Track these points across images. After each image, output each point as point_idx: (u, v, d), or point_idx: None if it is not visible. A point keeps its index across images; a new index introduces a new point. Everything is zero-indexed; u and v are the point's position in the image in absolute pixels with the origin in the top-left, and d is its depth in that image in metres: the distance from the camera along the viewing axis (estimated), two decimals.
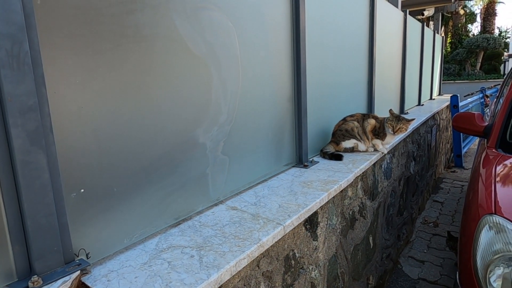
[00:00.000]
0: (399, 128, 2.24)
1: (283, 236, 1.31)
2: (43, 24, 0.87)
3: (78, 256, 0.97)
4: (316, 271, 1.59)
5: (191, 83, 1.32)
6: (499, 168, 1.90)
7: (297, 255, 1.43)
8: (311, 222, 1.55)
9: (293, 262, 1.40)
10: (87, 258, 0.99)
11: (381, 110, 3.42)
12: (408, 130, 2.40)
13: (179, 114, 1.27)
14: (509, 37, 18.67)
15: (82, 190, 0.98)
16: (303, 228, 1.49)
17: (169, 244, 1.13)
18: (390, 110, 2.33)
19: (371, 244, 2.36)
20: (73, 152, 0.96)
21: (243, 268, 1.10)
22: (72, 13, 0.93)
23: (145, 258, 1.05)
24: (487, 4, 18.75)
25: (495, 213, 1.52)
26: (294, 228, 1.40)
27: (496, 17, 18.54)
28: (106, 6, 1.01)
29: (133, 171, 1.12)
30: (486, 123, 2.50)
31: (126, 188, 1.10)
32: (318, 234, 1.61)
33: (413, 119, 2.31)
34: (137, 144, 1.13)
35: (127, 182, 1.11)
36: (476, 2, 19.71)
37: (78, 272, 0.93)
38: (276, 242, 1.27)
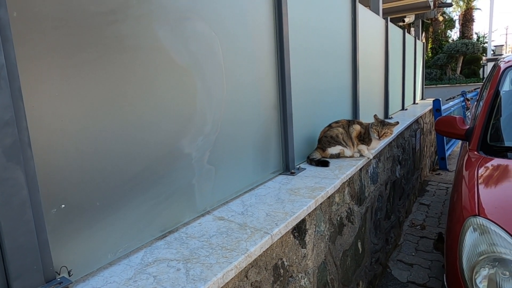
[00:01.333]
0: (384, 133, 2.27)
1: (271, 245, 1.30)
2: (20, 36, 0.85)
3: (59, 274, 0.94)
4: (305, 279, 1.58)
5: (175, 93, 1.31)
6: (481, 171, 1.95)
7: (285, 263, 1.42)
8: (299, 230, 1.55)
9: (282, 271, 1.39)
10: (69, 276, 0.96)
11: (366, 115, 3.47)
12: (393, 134, 2.44)
13: (163, 125, 1.26)
14: (486, 42, 19.30)
15: (63, 206, 0.95)
16: (291, 236, 1.48)
17: (155, 257, 1.11)
18: (375, 116, 2.36)
19: (360, 249, 2.37)
20: (53, 166, 0.93)
21: (231, 279, 1.09)
22: (51, 25, 0.92)
23: (130, 273, 1.02)
24: (465, 11, 19.40)
25: (478, 215, 1.55)
26: (282, 236, 1.39)
27: (474, 23, 19.18)
28: (87, 17, 1.00)
29: (117, 184, 1.10)
30: (468, 126, 2.55)
31: (110, 202, 1.08)
32: (306, 241, 1.60)
33: (397, 122, 2.35)
34: (120, 156, 1.11)
35: (111, 195, 1.08)
36: (454, 8, 20.38)
37: None
38: (264, 251, 1.26)
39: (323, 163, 2.17)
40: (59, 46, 0.94)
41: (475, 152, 2.22)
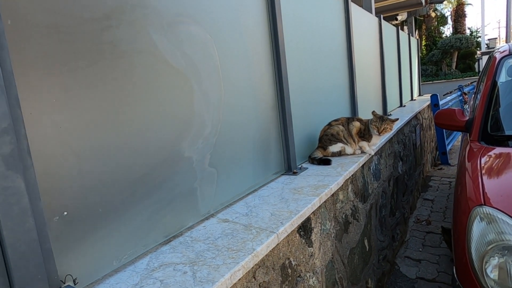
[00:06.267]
0: (384, 129, 2.26)
1: (278, 244, 1.28)
2: (15, 44, 0.85)
3: (64, 283, 0.93)
4: (314, 278, 1.56)
5: (172, 97, 1.30)
6: (484, 160, 1.93)
7: (293, 263, 1.41)
8: (304, 229, 1.53)
9: (289, 270, 1.38)
10: (75, 284, 0.94)
11: (364, 113, 3.46)
12: (393, 130, 2.43)
13: (162, 129, 1.25)
14: (480, 37, 19.38)
15: (65, 213, 0.94)
16: (297, 235, 1.46)
17: (161, 262, 1.09)
18: (373, 112, 2.36)
19: (367, 247, 2.35)
20: (53, 173, 0.92)
21: (239, 280, 1.07)
22: (45, 32, 0.92)
23: (136, 279, 1.01)
24: (456, 7, 19.53)
25: (484, 204, 1.53)
26: (288, 235, 1.37)
27: (466, 18, 19.31)
28: (81, 24, 1.00)
29: (118, 190, 1.09)
30: (467, 118, 2.55)
31: (112, 208, 1.07)
32: (312, 240, 1.59)
33: (397, 119, 2.34)
34: (120, 162, 1.10)
35: (113, 201, 1.07)
36: (445, 5, 20.52)
37: None
38: (270, 251, 1.24)
39: (325, 162, 2.16)
40: (54, 53, 0.94)
41: (477, 143, 2.21)
